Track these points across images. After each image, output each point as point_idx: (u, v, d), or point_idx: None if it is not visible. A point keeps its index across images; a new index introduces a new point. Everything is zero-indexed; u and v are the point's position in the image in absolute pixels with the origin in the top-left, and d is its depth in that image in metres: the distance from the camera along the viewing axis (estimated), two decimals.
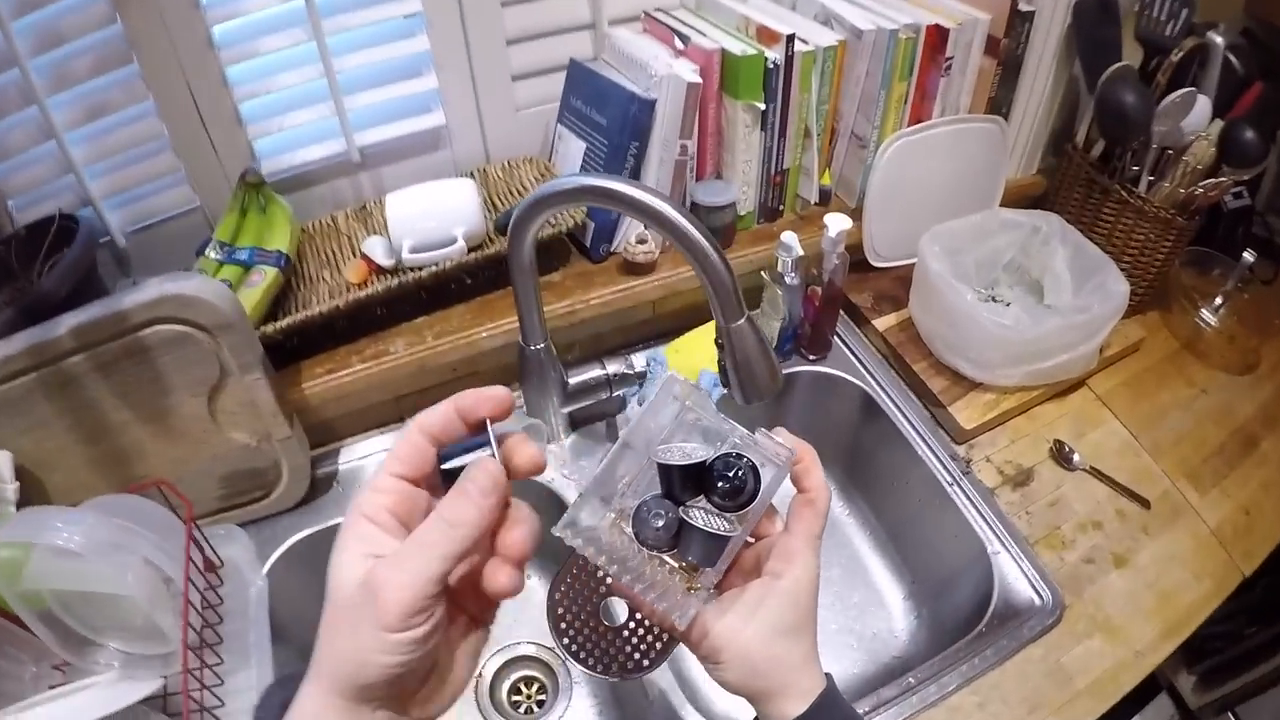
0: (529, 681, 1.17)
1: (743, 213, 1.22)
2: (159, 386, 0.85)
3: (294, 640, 1.01)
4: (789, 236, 1.09)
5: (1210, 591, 1.07)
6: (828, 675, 0.53)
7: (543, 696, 1.14)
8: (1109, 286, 1.17)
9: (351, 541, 0.41)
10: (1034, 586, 1.04)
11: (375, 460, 1.10)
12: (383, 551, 0.40)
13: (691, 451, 0.54)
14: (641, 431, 0.56)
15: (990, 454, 1.17)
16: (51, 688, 0.79)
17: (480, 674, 1.13)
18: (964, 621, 1.06)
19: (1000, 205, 1.34)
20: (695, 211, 1.17)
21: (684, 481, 0.54)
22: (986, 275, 1.31)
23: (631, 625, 0.60)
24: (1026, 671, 0.97)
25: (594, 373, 1.10)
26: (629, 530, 0.53)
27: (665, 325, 1.26)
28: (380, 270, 1.08)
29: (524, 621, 1.19)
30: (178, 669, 0.76)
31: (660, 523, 0.53)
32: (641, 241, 1.14)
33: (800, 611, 0.52)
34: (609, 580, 0.58)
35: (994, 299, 1.31)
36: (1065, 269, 1.25)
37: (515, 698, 1.15)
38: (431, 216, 1.07)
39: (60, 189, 1.01)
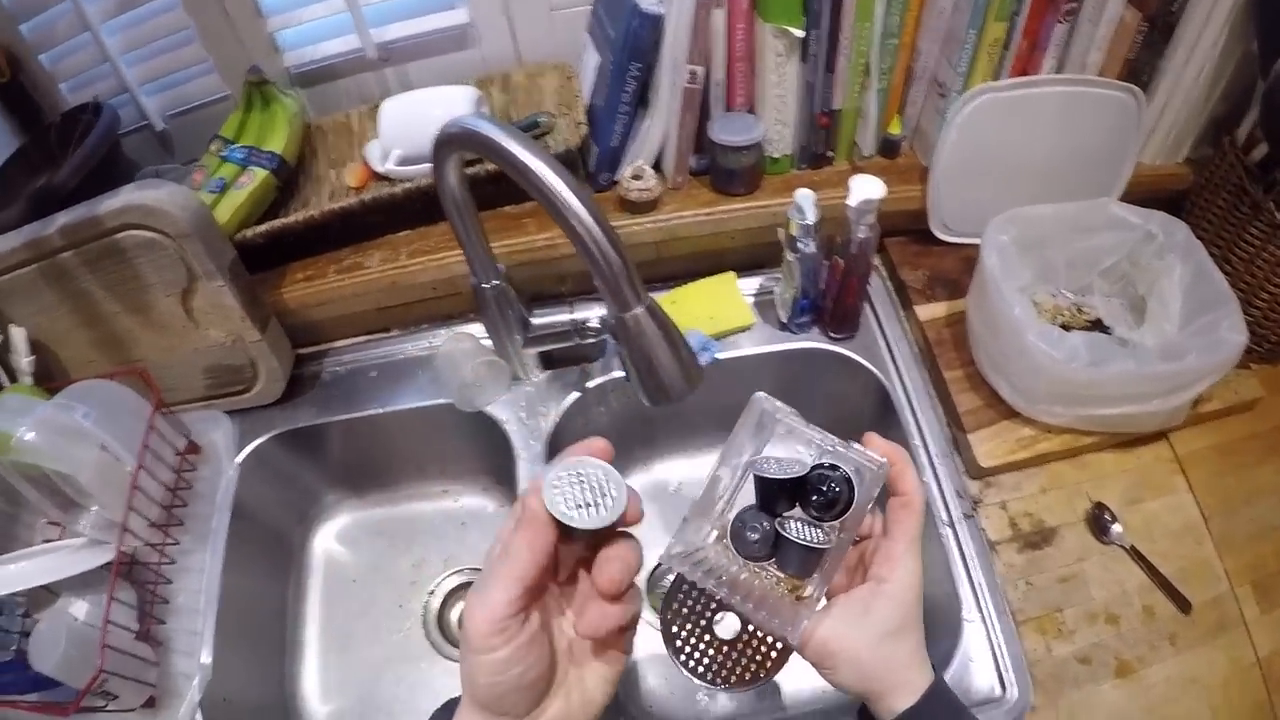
0: None
1: (777, 155, 1.01)
2: (138, 284, 0.89)
3: (255, 526, 1.01)
4: (804, 196, 0.88)
5: None
6: (935, 670, 0.55)
7: None
8: (1222, 333, 0.89)
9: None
10: (1000, 673, 0.84)
11: (364, 364, 1.07)
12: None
13: (788, 465, 0.56)
14: (735, 446, 0.58)
15: (1010, 499, 0.94)
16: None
17: (427, 604, 1.09)
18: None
19: (1125, 195, 1.06)
20: (712, 150, 0.97)
21: (780, 494, 0.57)
22: (1079, 278, 1.05)
23: (745, 637, 0.64)
24: None
25: (558, 317, 0.94)
26: (732, 545, 0.57)
27: (671, 269, 1.08)
28: (379, 177, 1.00)
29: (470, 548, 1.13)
30: (141, 542, 0.87)
31: (756, 535, 0.56)
32: (637, 177, 0.96)
33: (905, 613, 0.54)
34: (719, 596, 0.57)
35: (1079, 309, 1.05)
36: (1178, 293, 0.97)
37: None
38: (422, 127, 0.93)
39: (103, 74, 1.04)
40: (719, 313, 1.02)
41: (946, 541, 0.91)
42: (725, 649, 0.64)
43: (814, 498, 0.56)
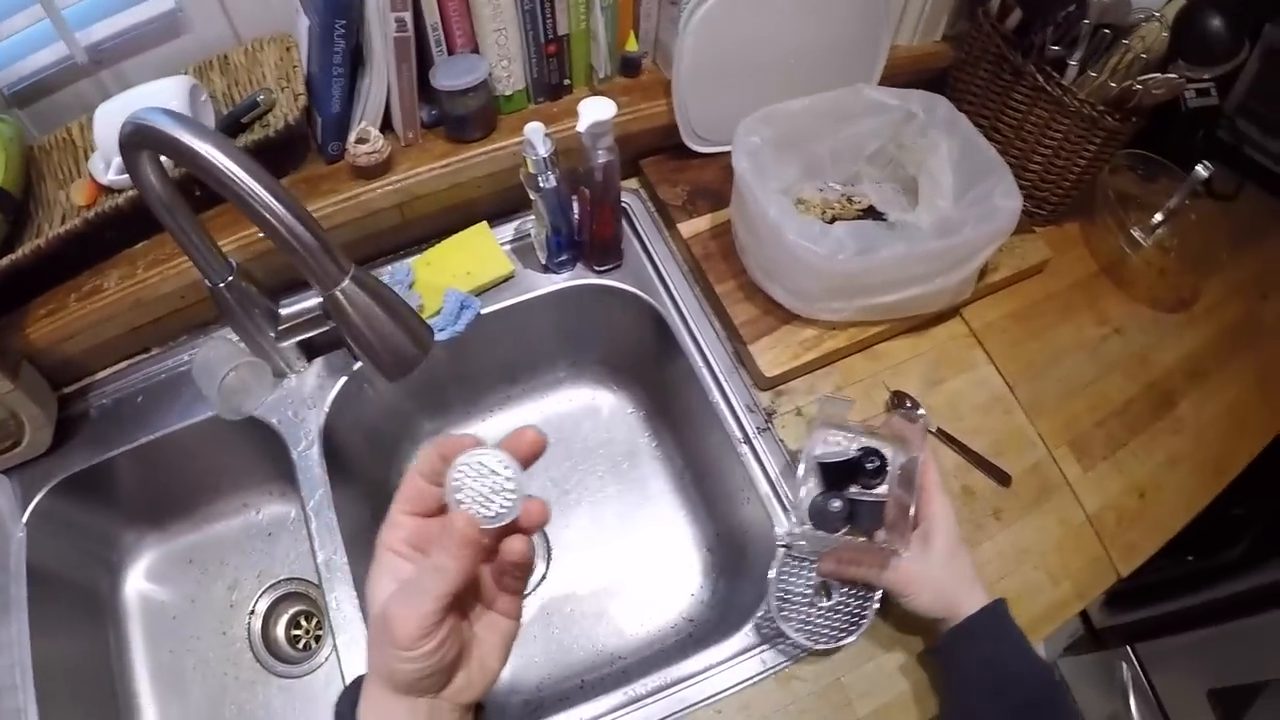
0: (307, 616, 1.05)
1: (508, 93, 0.95)
2: None
3: (57, 586, 0.93)
4: (533, 130, 0.82)
5: (1067, 598, 0.83)
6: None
7: (320, 632, 1.03)
8: (996, 201, 0.86)
9: (381, 571, 0.48)
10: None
11: (128, 391, 0.98)
12: (405, 575, 0.47)
13: (841, 453, 0.78)
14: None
15: (804, 404, 0.91)
16: None
17: (249, 623, 1.03)
18: (748, 607, 0.84)
19: (886, 79, 1.03)
20: (437, 100, 0.91)
21: (840, 475, 0.77)
22: (846, 169, 1.01)
23: (836, 601, 0.77)
24: (795, 692, 0.76)
25: (308, 303, 0.87)
26: (815, 529, 0.75)
27: (420, 230, 1.01)
28: (109, 190, 0.91)
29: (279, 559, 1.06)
30: None
31: (837, 503, 0.74)
32: (362, 141, 0.89)
33: (953, 536, 0.74)
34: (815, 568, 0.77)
35: (849, 200, 1.01)
36: (947, 168, 0.94)
37: (295, 632, 1.04)
38: None
39: None
40: (476, 266, 0.96)
41: (746, 460, 0.88)
42: (826, 613, 0.76)
43: (867, 467, 0.76)
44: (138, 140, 0.61)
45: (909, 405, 0.89)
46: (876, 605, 0.76)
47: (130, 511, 1.03)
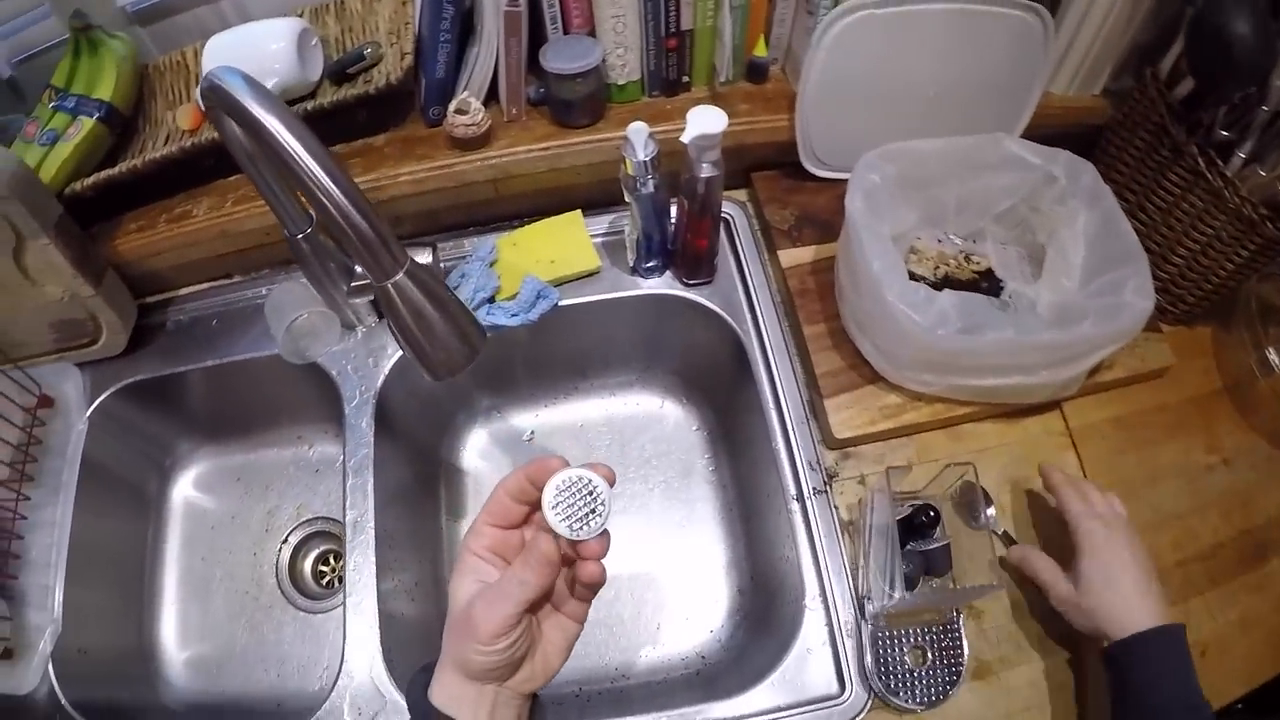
0: (336, 557, 1.05)
1: (621, 82, 0.88)
2: None
3: (108, 478, 0.96)
4: (636, 131, 0.76)
5: None
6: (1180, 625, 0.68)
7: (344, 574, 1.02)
8: (1126, 296, 0.76)
9: (465, 571, 0.54)
10: (839, 669, 0.76)
11: (206, 311, 0.99)
12: (486, 577, 0.53)
13: (895, 511, 0.77)
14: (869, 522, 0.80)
15: (870, 474, 0.84)
16: None
17: (280, 551, 1.04)
18: (766, 663, 0.80)
19: (1032, 129, 0.92)
20: (546, 79, 0.85)
21: (905, 533, 0.79)
22: (970, 222, 0.92)
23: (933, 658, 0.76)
24: None
25: None
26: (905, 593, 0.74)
27: (512, 208, 0.97)
28: None
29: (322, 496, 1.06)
30: None
31: (911, 565, 0.77)
32: (461, 111, 0.85)
33: (1105, 564, 0.72)
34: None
35: (967, 258, 0.92)
36: (1081, 244, 0.84)
37: (322, 568, 1.05)
38: (246, 63, 0.83)
39: None
40: (562, 255, 0.92)
41: (794, 518, 0.82)
42: (920, 671, 0.75)
43: (922, 521, 0.78)
44: (212, 97, 0.58)
45: (981, 500, 0.81)
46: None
47: (189, 422, 1.05)
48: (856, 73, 0.85)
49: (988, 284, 0.90)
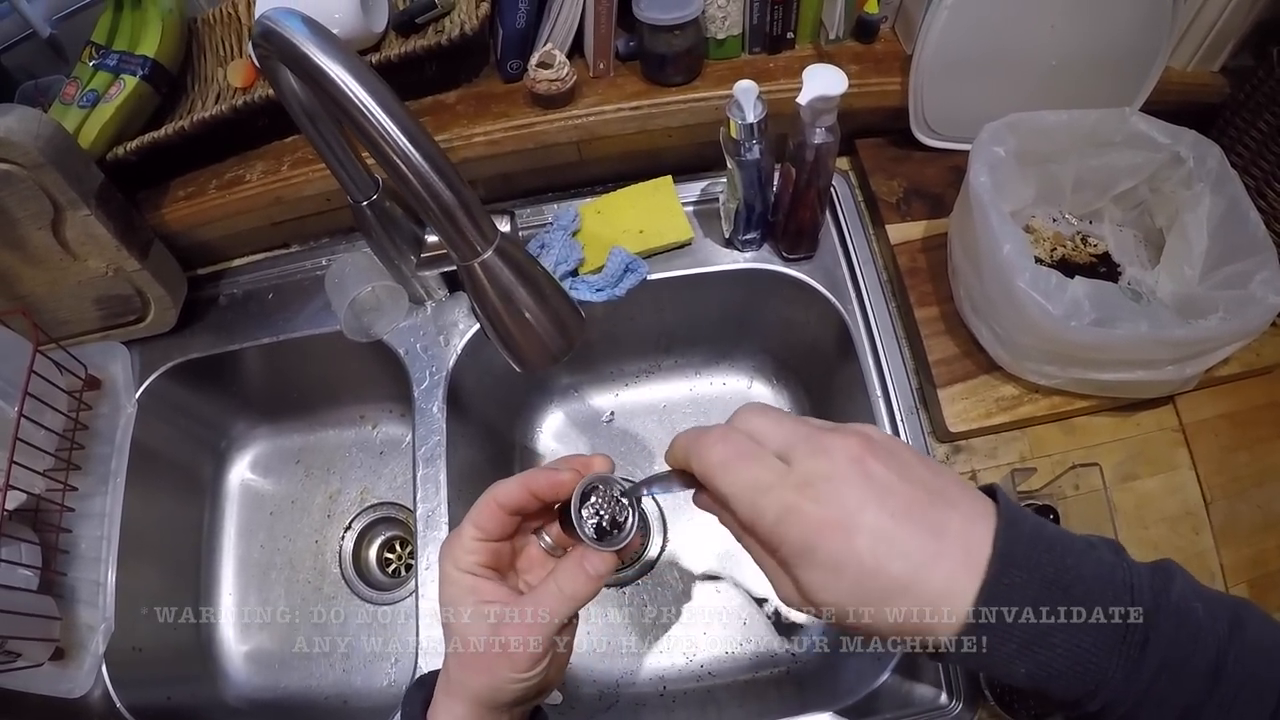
0: (402, 543, 0.91)
1: (720, 36, 0.74)
2: (6, 219, 0.71)
3: (160, 464, 0.84)
4: (744, 90, 0.62)
5: None
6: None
7: (412, 561, 0.89)
8: (1254, 289, 0.63)
9: (464, 595, 0.43)
10: (944, 676, 0.64)
11: (261, 285, 0.85)
12: (489, 597, 0.43)
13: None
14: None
15: (981, 469, 0.71)
16: None
17: (343, 538, 0.91)
18: (854, 680, 0.68)
19: (1146, 104, 0.78)
20: (638, 31, 0.70)
21: None
22: (1088, 202, 0.78)
23: None
24: None
25: None
26: None
27: (599, 171, 0.82)
28: None
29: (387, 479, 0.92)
30: (26, 495, 0.71)
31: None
32: (544, 65, 0.70)
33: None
34: None
35: (1083, 240, 0.78)
36: (1204, 232, 0.70)
37: (388, 555, 0.91)
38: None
39: None
40: (651, 225, 0.78)
41: None
42: None
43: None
44: (266, 45, 0.44)
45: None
46: None
47: (245, 402, 0.91)
48: (976, 37, 0.70)
49: (1105, 269, 0.76)
